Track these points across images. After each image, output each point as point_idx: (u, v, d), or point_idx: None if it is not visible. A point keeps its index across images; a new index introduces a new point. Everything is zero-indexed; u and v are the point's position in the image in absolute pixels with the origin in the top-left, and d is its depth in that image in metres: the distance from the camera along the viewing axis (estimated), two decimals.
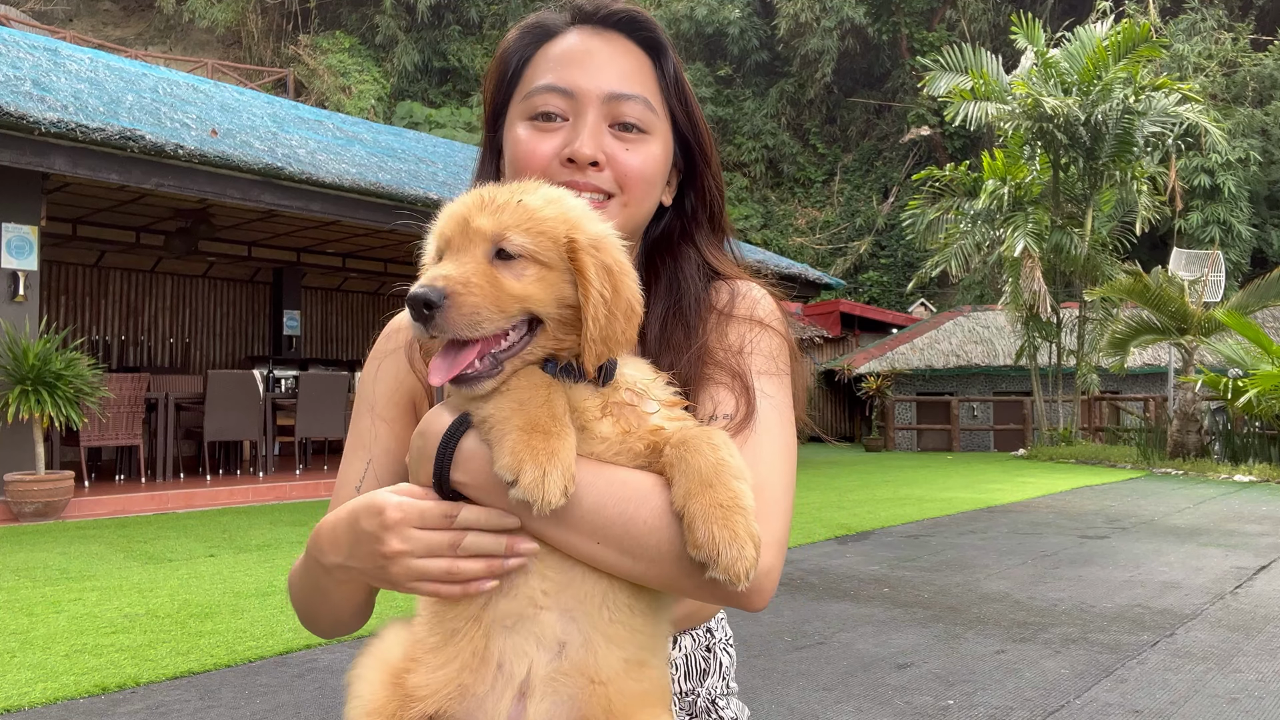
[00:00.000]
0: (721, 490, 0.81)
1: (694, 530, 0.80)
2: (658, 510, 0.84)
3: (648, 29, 1.07)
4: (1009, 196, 18.09)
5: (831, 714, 3.46)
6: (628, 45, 1.06)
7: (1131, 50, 16.95)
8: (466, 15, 33.10)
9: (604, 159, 1.01)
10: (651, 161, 1.04)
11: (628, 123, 1.03)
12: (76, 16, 32.16)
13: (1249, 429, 14.87)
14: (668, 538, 0.84)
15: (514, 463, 0.80)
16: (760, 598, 0.87)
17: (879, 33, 33.27)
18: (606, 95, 1.02)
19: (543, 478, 0.79)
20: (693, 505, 0.81)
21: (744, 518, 0.81)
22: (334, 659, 4.07)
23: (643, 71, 1.06)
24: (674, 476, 0.84)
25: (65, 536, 7.43)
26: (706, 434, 0.86)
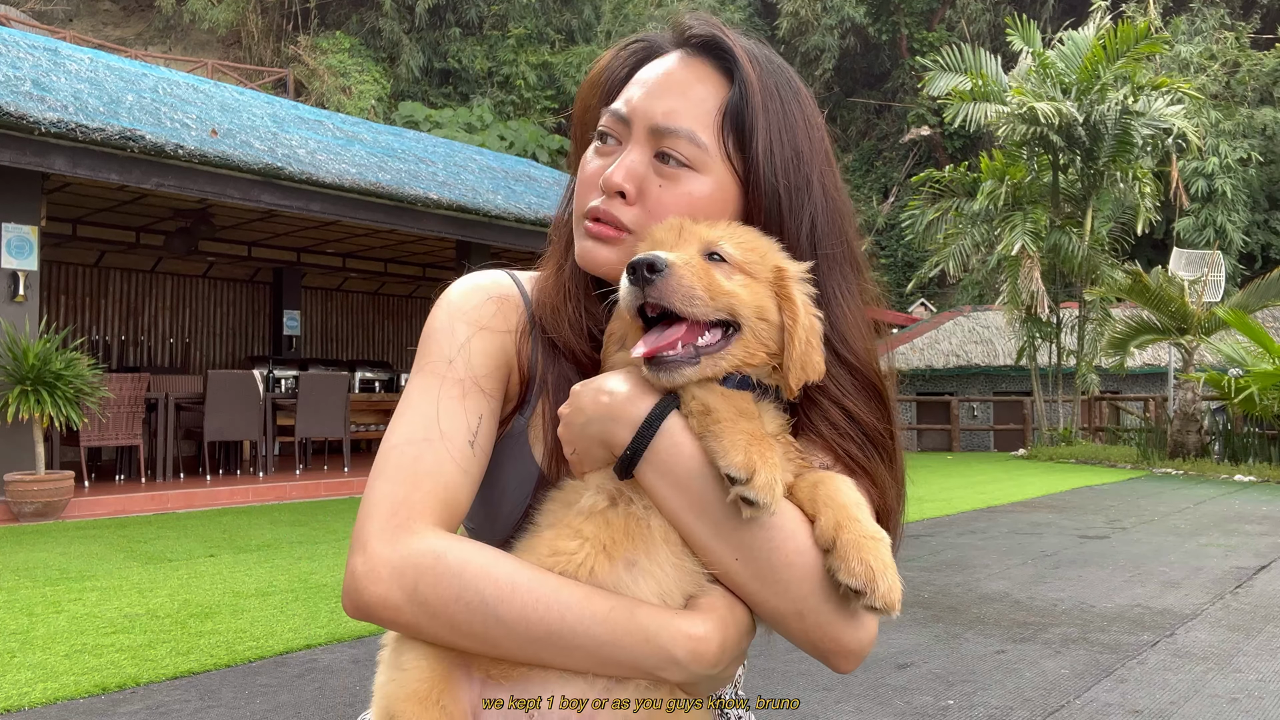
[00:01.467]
0: (868, 524, 0.84)
1: (848, 560, 0.82)
2: (802, 546, 0.85)
3: (724, 53, 0.98)
4: (1007, 196, 18.09)
5: (831, 714, 3.46)
6: (707, 72, 0.98)
7: (1131, 49, 16.95)
8: (466, 16, 33.10)
9: (633, 192, 0.96)
10: (687, 201, 0.95)
11: (666, 154, 0.96)
12: (76, 16, 32.16)
13: (1249, 429, 14.87)
14: (802, 574, 0.85)
15: (748, 462, 0.81)
16: (857, 662, 0.88)
17: (879, 32, 33.28)
18: (651, 126, 0.96)
19: (774, 483, 0.81)
20: (844, 535, 0.83)
21: (886, 551, 0.83)
22: (334, 659, 4.07)
23: (709, 102, 0.96)
24: (819, 510, 0.85)
25: (65, 536, 7.43)
26: (840, 477, 0.89)
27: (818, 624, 0.86)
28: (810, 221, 0.97)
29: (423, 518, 0.88)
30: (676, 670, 0.85)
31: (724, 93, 0.97)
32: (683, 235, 0.90)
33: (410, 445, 0.92)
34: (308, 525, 8.17)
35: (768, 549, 0.85)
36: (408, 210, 10.94)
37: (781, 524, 0.85)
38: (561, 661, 0.85)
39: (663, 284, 0.84)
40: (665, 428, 0.86)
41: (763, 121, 0.95)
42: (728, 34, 0.99)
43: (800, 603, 0.85)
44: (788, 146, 0.97)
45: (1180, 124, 17.34)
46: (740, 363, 0.88)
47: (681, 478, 0.86)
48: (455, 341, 0.97)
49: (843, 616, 0.85)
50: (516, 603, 0.84)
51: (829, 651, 0.87)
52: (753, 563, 0.85)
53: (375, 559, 0.85)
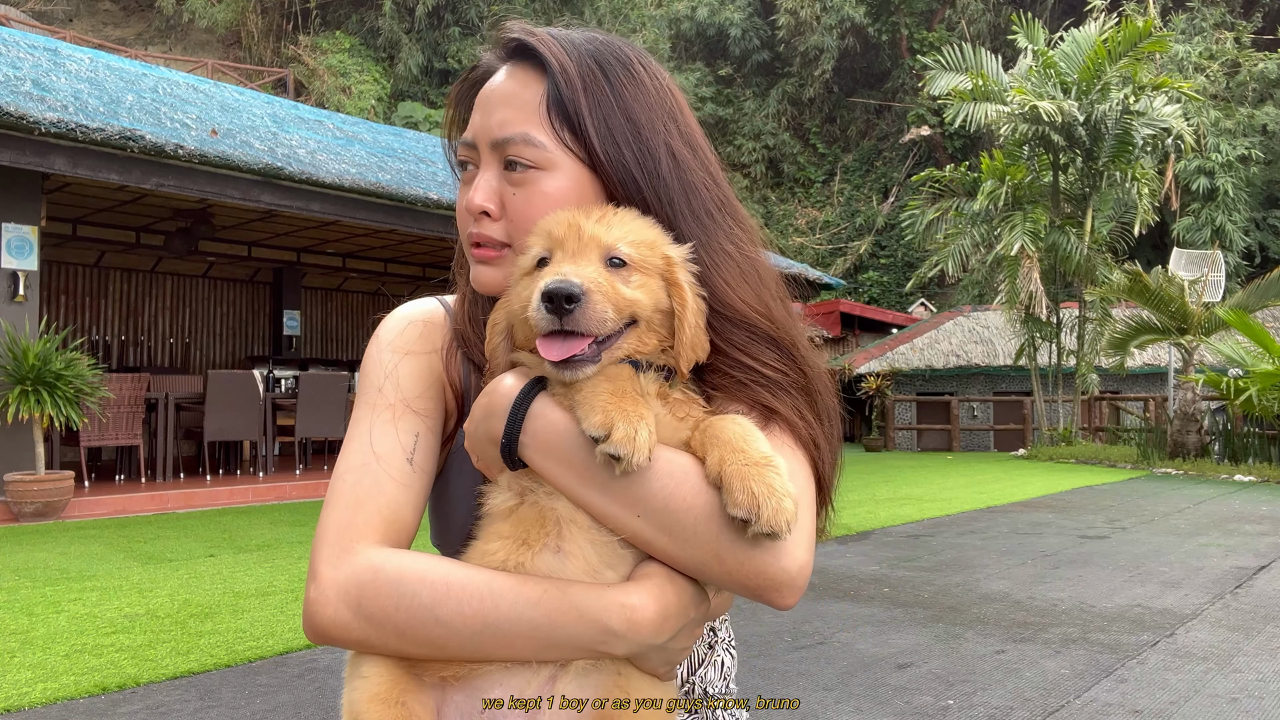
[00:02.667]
0: (752, 452, 0.84)
1: (732, 490, 0.82)
2: (696, 488, 0.86)
3: (534, 52, 1.01)
4: (1007, 196, 18.09)
5: (831, 714, 3.46)
6: (529, 75, 1.01)
7: (1132, 48, 16.95)
8: (466, 16, 33.10)
9: (495, 209, 1.00)
10: (544, 200, 0.97)
11: (513, 160, 0.99)
12: (76, 16, 32.16)
13: (1249, 429, 14.87)
14: (703, 515, 0.85)
15: (606, 420, 0.83)
16: (792, 594, 0.87)
17: (879, 32, 33.28)
18: (492, 141, 1.00)
19: (635, 434, 0.83)
20: (728, 468, 0.83)
21: (777, 474, 0.83)
22: (334, 659, 4.07)
23: (534, 99, 0.99)
24: (707, 451, 0.87)
25: (65, 536, 7.43)
26: (731, 416, 0.90)
27: (737, 562, 0.85)
28: (671, 184, 0.99)
29: (364, 538, 0.92)
30: (618, 642, 0.87)
31: (543, 88, 1.00)
32: (582, 240, 0.91)
33: (350, 473, 0.97)
34: (308, 525, 8.17)
35: (663, 498, 0.86)
36: (408, 210, 10.94)
37: (670, 470, 0.86)
38: (505, 652, 0.88)
39: (579, 313, 0.86)
40: (535, 409, 0.89)
41: (587, 103, 0.98)
42: (536, 33, 1.02)
43: (712, 544, 0.85)
44: (622, 118, 0.98)
45: (1177, 124, 17.35)
46: (632, 350, 0.92)
47: (562, 452, 0.88)
48: (383, 370, 1.02)
49: (758, 550, 0.85)
50: (451, 601, 0.87)
51: (759, 588, 0.86)
52: (653, 516, 0.86)
53: (324, 584, 0.90)
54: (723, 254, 0.99)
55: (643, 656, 0.90)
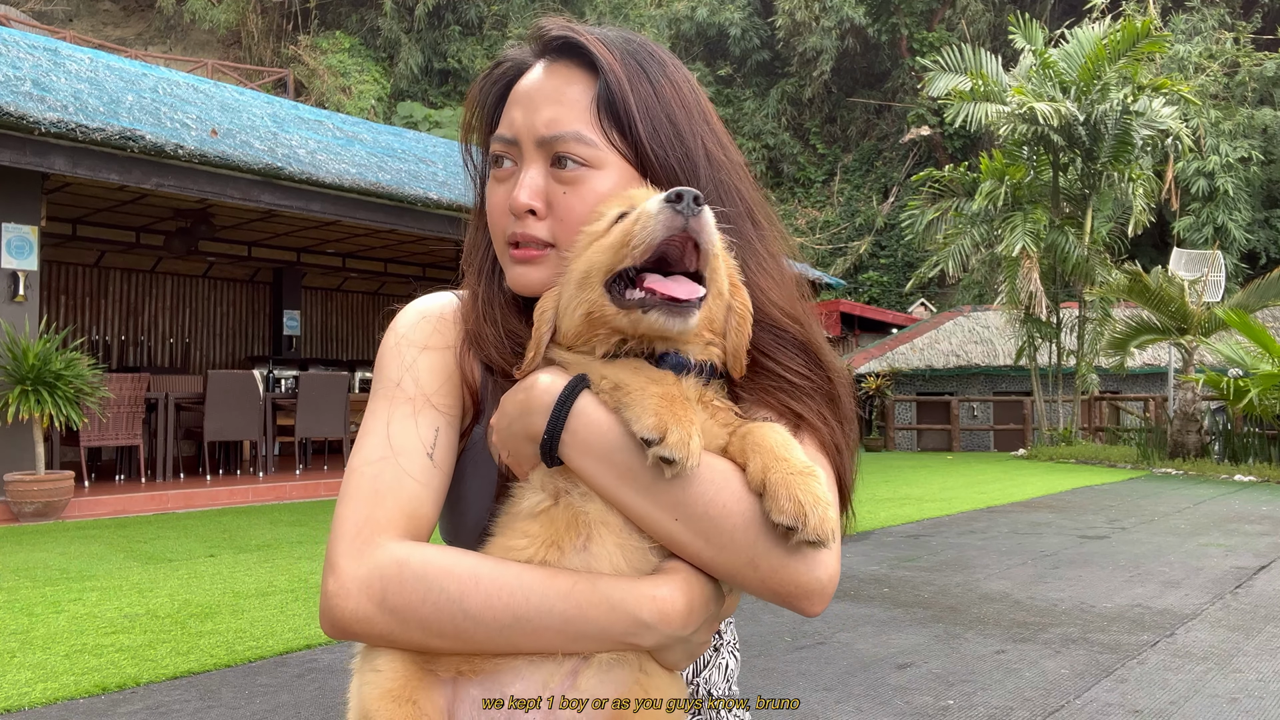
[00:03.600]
0: (795, 461, 0.84)
1: (777, 498, 0.83)
2: (736, 494, 0.86)
3: (583, 50, 1.00)
4: (1006, 196, 18.09)
5: (831, 714, 3.46)
6: (575, 74, 1.01)
7: (1131, 48, 16.95)
8: (466, 16, 33.12)
9: (541, 206, 0.98)
10: (593, 199, 0.97)
11: (563, 157, 0.98)
12: (76, 16, 32.16)
13: (1249, 429, 14.87)
14: (742, 523, 0.85)
15: (659, 423, 0.82)
16: (822, 602, 0.88)
17: (878, 33, 33.27)
18: (540, 138, 0.99)
19: (689, 438, 0.82)
20: (773, 476, 0.83)
21: (819, 484, 0.83)
22: (334, 659, 4.07)
23: (585, 99, 0.99)
24: (748, 458, 0.86)
25: (65, 536, 7.43)
26: (769, 424, 0.90)
27: (771, 569, 0.86)
28: (709, 187, 1.00)
29: (386, 532, 0.92)
30: (647, 634, 0.87)
31: (595, 88, 0.99)
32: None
33: (369, 466, 0.96)
34: (308, 525, 8.17)
35: (703, 504, 0.86)
36: (408, 210, 10.94)
37: (712, 477, 0.86)
38: (532, 644, 0.88)
39: (706, 218, 0.84)
40: (578, 407, 0.88)
41: (635, 103, 0.98)
42: (580, 31, 1.01)
43: (749, 550, 0.86)
44: (665, 121, 0.99)
45: (1175, 125, 17.35)
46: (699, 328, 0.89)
47: (604, 451, 0.87)
48: (402, 363, 1.01)
49: (794, 558, 0.85)
50: (480, 594, 0.87)
51: (790, 595, 0.87)
52: (692, 521, 0.86)
53: (344, 577, 0.89)
54: (755, 256, 1.01)
55: (668, 649, 0.90)
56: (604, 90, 0.99)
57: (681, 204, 0.83)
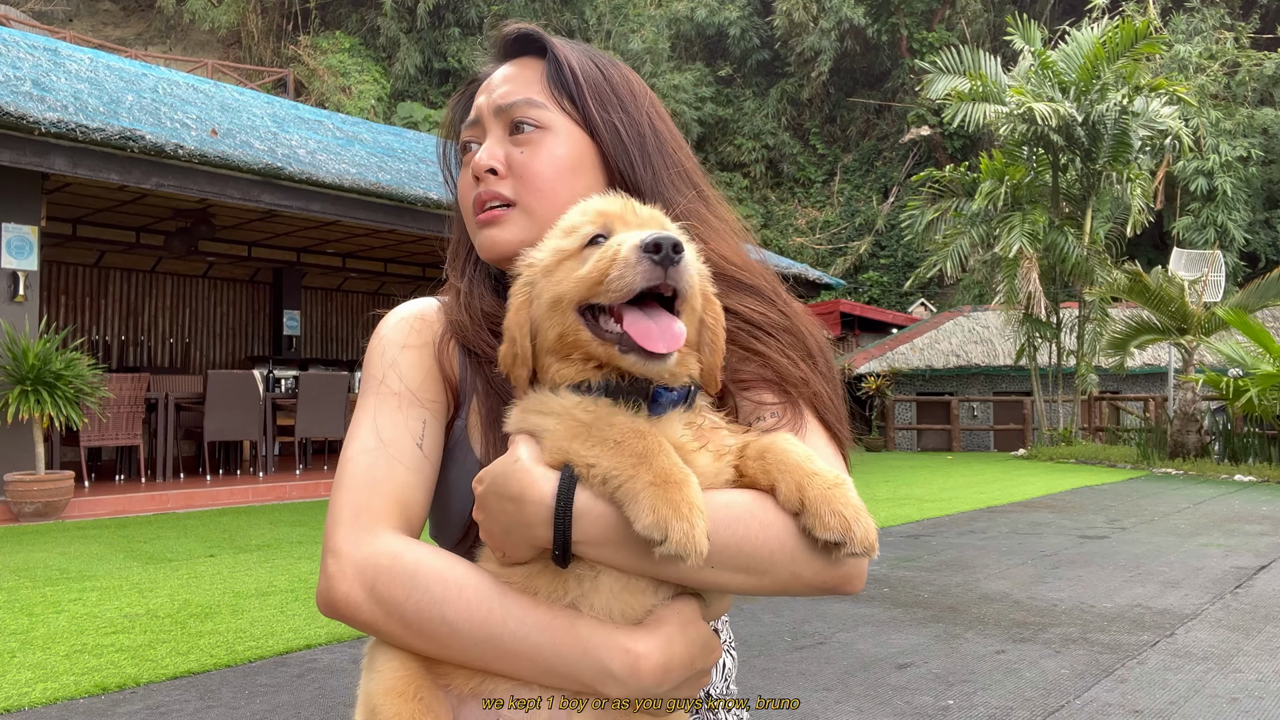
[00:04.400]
0: (826, 474, 0.84)
1: (820, 516, 0.82)
2: (763, 523, 0.85)
3: (534, 39, 1.11)
4: (1006, 197, 18.09)
5: (831, 714, 3.46)
6: (527, 62, 1.11)
7: (1130, 48, 16.94)
8: (466, 16, 33.11)
9: (502, 166, 1.05)
10: (549, 156, 1.04)
11: (519, 122, 1.06)
12: (76, 16, 32.15)
13: (1249, 429, 14.87)
14: (776, 547, 0.85)
15: (658, 520, 0.79)
16: (863, 579, 0.90)
17: (878, 33, 33.26)
18: (495, 108, 1.07)
19: (692, 531, 0.79)
20: (809, 494, 0.83)
21: (853, 492, 0.84)
22: (334, 659, 4.07)
23: (535, 77, 1.09)
24: (775, 479, 0.85)
25: (65, 536, 7.43)
26: (781, 436, 0.89)
27: (816, 573, 0.87)
28: (654, 153, 1.08)
29: (382, 520, 0.94)
30: (614, 685, 0.85)
31: (541, 67, 1.10)
32: (640, 219, 0.89)
33: (362, 456, 0.99)
34: (308, 525, 8.17)
35: (735, 545, 0.85)
36: (408, 210, 10.94)
37: (734, 516, 0.85)
38: (504, 667, 0.88)
39: (684, 269, 0.83)
40: (579, 509, 0.84)
41: (582, 75, 1.07)
42: (532, 26, 1.11)
43: (789, 568, 0.86)
44: (611, 94, 1.08)
45: (1174, 125, 17.35)
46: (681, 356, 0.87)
47: (619, 541, 0.84)
48: (386, 361, 1.05)
49: (832, 563, 0.86)
50: (462, 604, 0.88)
51: (836, 587, 0.89)
52: (728, 564, 0.85)
53: (344, 559, 0.92)
54: (699, 217, 1.08)
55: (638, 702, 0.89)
56: (552, 66, 1.08)
57: (660, 255, 0.82)
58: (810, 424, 0.97)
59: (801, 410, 0.97)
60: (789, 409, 0.97)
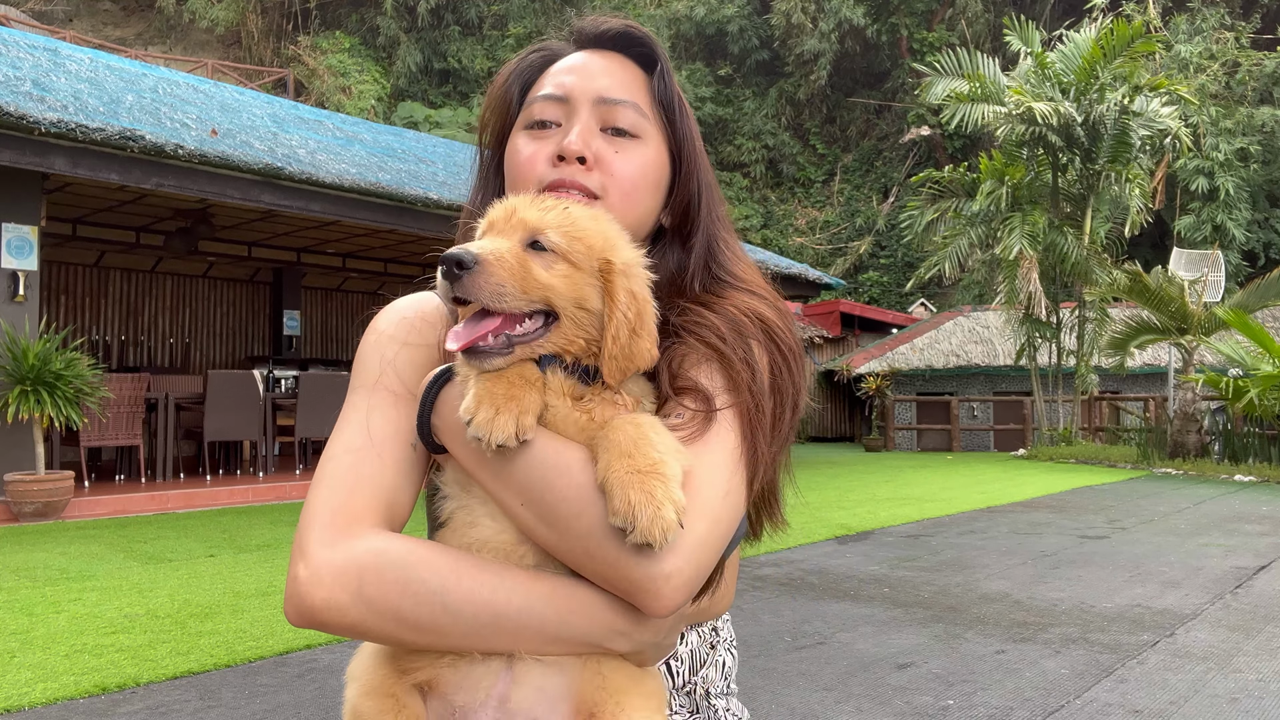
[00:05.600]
0: (639, 458, 0.84)
1: (612, 497, 0.83)
2: (577, 483, 0.86)
3: (642, 44, 1.09)
4: (1006, 197, 18.08)
5: (831, 714, 3.46)
6: (624, 61, 1.08)
7: (1126, 48, 16.94)
8: (466, 16, 33.11)
9: (592, 158, 1.02)
10: (641, 167, 1.04)
11: (619, 128, 1.04)
12: (76, 16, 32.15)
13: (1249, 429, 14.87)
14: (576, 510, 0.86)
15: (473, 404, 0.85)
16: (657, 601, 0.85)
17: (878, 33, 33.26)
18: (597, 98, 1.04)
19: (494, 417, 0.84)
20: (611, 475, 0.83)
21: (662, 483, 0.82)
22: (334, 659, 4.07)
23: (636, 82, 1.07)
24: (598, 454, 0.86)
25: (65, 536, 7.43)
26: (633, 417, 0.89)
27: (606, 561, 0.85)
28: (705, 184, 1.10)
29: (363, 521, 0.92)
30: (622, 640, 0.89)
31: (643, 76, 1.08)
32: (511, 221, 0.91)
33: (348, 454, 0.96)
34: None
35: (542, 488, 0.87)
36: (408, 210, 10.93)
37: (555, 462, 0.87)
38: (509, 644, 0.88)
39: (469, 280, 0.85)
40: (443, 395, 0.93)
41: (678, 100, 1.08)
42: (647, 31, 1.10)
43: (585, 540, 0.86)
44: (693, 123, 1.10)
45: (1174, 124, 17.35)
46: (558, 348, 0.90)
47: (461, 435, 0.89)
48: (383, 359, 1.03)
49: (628, 553, 0.84)
50: (461, 588, 0.87)
51: (626, 591, 0.86)
52: (534, 505, 0.88)
53: (317, 564, 0.88)
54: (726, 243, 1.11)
55: (640, 653, 0.91)
56: (660, 76, 1.08)
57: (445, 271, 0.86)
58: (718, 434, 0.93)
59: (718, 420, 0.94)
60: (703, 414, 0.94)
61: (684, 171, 1.08)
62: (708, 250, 1.09)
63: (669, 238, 1.09)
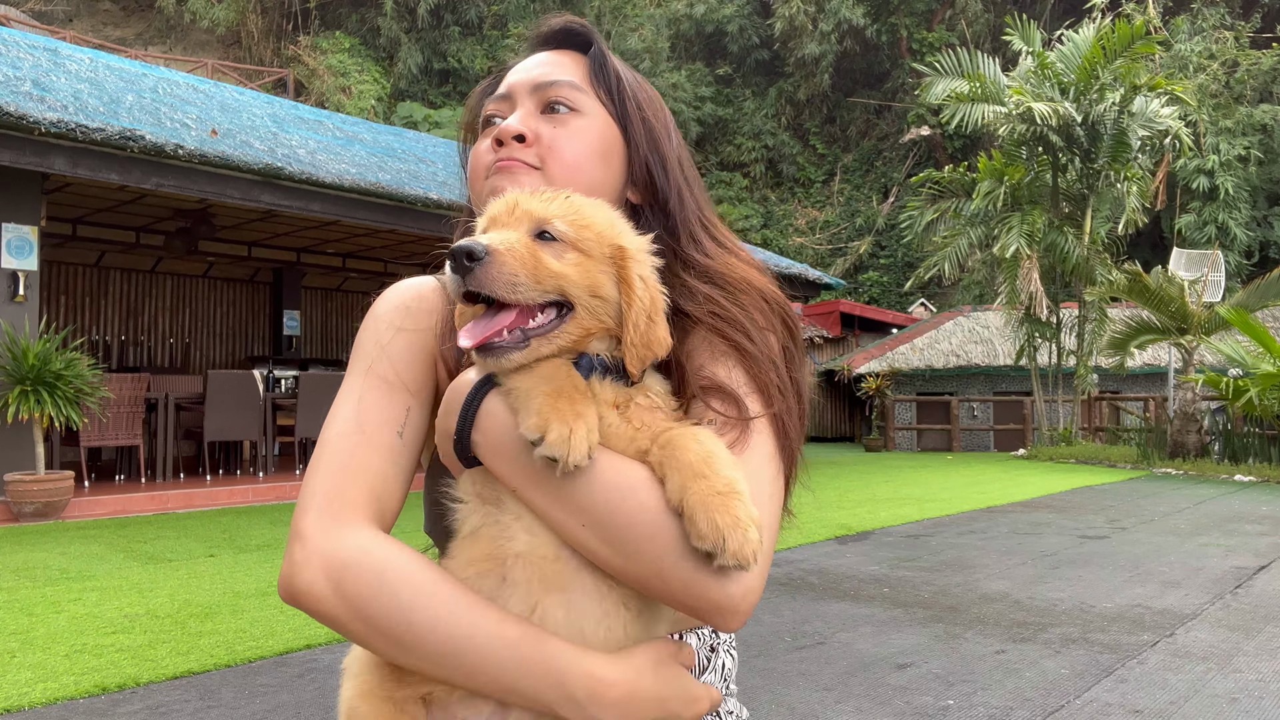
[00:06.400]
0: (715, 479, 0.82)
1: (695, 521, 0.80)
2: (645, 504, 0.84)
3: (579, 34, 1.12)
4: (1005, 197, 18.09)
5: (831, 714, 3.46)
6: (567, 52, 1.12)
7: (1126, 48, 16.95)
8: (466, 16, 33.10)
9: (531, 135, 1.04)
10: (579, 136, 1.05)
11: (555, 103, 1.06)
12: (76, 16, 32.15)
13: (1249, 429, 14.87)
14: (647, 532, 0.83)
15: (541, 421, 0.81)
16: (735, 619, 0.85)
17: (878, 33, 33.26)
18: (533, 85, 1.07)
19: (569, 434, 0.81)
20: (690, 497, 0.81)
21: (742, 503, 0.81)
22: (334, 659, 4.07)
23: (575, 65, 1.10)
24: (666, 474, 0.84)
25: (65, 536, 7.43)
26: (692, 431, 0.87)
27: (681, 582, 0.83)
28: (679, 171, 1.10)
29: (356, 510, 0.92)
30: (574, 709, 0.85)
31: (584, 61, 1.11)
32: (515, 213, 0.90)
33: (341, 439, 0.96)
34: None
35: (608, 510, 0.84)
36: (408, 210, 10.93)
37: (619, 482, 0.84)
38: (466, 680, 0.86)
39: (482, 271, 0.83)
40: (487, 407, 0.88)
41: (622, 73, 1.10)
42: (584, 22, 1.13)
43: (656, 563, 0.83)
44: (643, 95, 1.11)
45: (1174, 124, 17.35)
46: (576, 340, 0.88)
47: (511, 452, 0.86)
48: (378, 343, 1.03)
49: (705, 572, 0.82)
50: (430, 611, 0.86)
51: (700, 610, 0.85)
52: (598, 527, 0.84)
53: (311, 548, 0.89)
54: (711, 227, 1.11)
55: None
56: (596, 56, 1.10)
57: (455, 264, 0.84)
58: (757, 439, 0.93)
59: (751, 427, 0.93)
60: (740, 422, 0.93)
61: (633, 142, 1.08)
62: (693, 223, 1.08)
63: (648, 213, 1.09)
